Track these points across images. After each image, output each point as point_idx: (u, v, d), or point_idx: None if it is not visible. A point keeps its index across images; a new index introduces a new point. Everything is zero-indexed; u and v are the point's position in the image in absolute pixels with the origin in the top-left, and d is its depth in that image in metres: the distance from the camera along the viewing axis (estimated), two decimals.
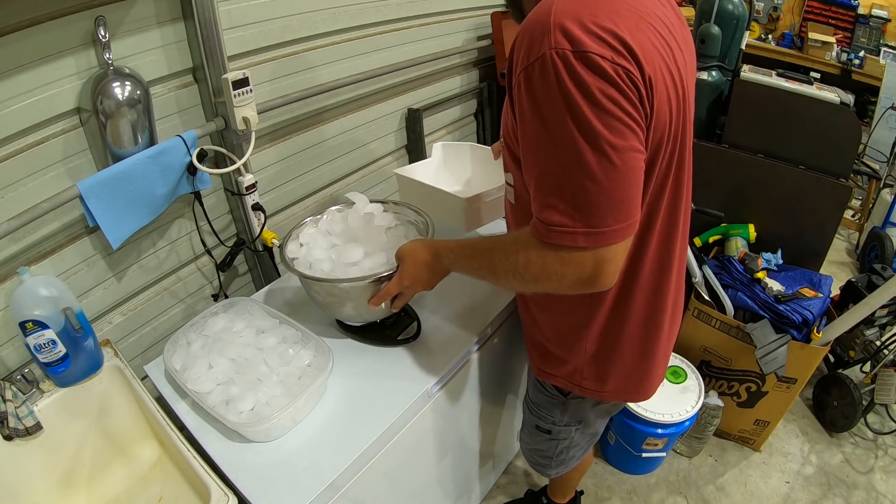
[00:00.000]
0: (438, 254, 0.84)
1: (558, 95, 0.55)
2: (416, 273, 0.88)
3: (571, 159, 0.58)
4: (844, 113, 1.63)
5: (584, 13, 0.56)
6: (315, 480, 0.78)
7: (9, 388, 0.85)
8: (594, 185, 0.58)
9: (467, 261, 0.80)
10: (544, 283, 0.68)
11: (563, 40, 0.54)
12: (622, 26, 0.56)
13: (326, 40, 1.33)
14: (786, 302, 1.49)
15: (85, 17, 0.87)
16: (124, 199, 0.96)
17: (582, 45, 0.54)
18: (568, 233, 0.61)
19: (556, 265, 0.64)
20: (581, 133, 0.56)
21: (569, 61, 0.54)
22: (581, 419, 1.04)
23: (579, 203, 0.59)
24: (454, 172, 1.44)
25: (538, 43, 0.56)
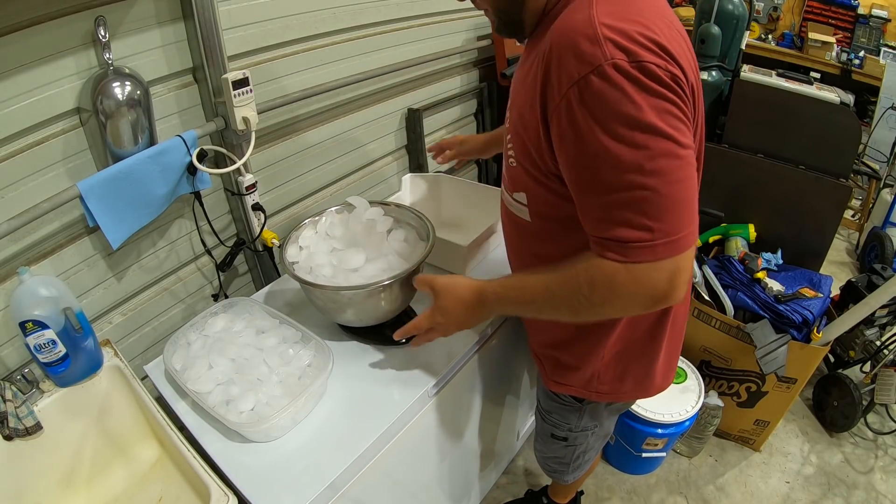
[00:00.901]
0: (483, 295, 0.78)
1: (623, 106, 0.55)
2: (453, 311, 0.81)
3: (644, 168, 0.56)
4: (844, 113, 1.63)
5: (627, 22, 0.56)
6: (315, 480, 0.78)
7: (9, 388, 0.85)
8: (668, 191, 0.58)
9: (518, 298, 0.74)
10: (612, 307, 0.65)
11: (617, 51, 0.54)
12: (659, 33, 0.57)
13: (326, 40, 1.33)
14: (786, 302, 1.49)
15: (85, 17, 0.87)
16: (124, 199, 0.96)
17: (637, 56, 0.54)
18: (648, 247, 0.59)
19: (630, 284, 0.61)
20: (652, 141, 0.56)
21: (629, 72, 0.54)
22: (597, 423, 1.04)
23: (656, 213, 0.58)
24: (425, 206, 1.40)
25: (589, 55, 0.55)
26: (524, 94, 0.68)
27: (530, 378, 1.46)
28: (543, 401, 1.07)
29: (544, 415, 1.08)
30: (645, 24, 0.56)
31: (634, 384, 0.91)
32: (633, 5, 0.59)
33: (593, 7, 0.57)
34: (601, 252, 0.62)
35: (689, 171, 0.59)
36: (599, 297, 0.64)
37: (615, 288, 0.62)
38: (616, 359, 0.87)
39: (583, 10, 0.58)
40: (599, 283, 0.63)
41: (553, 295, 0.69)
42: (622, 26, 0.55)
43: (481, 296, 0.78)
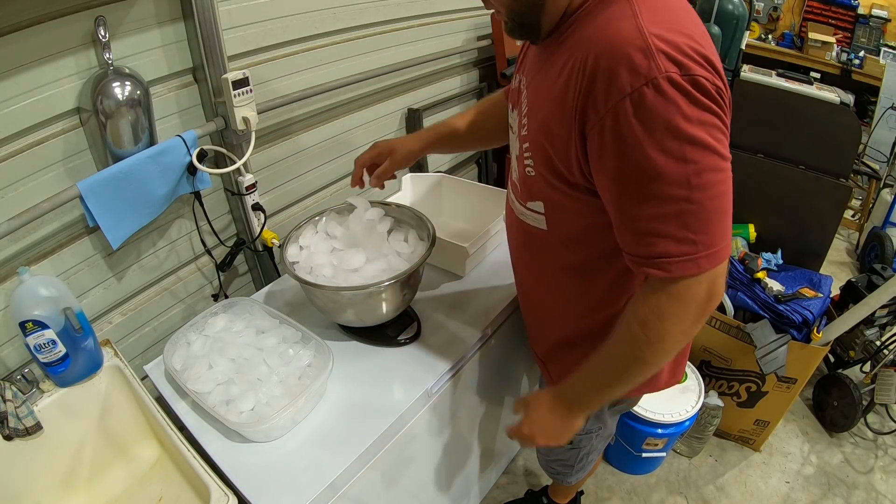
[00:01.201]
0: (571, 404, 0.78)
1: (675, 120, 0.54)
2: (543, 424, 0.80)
3: (691, 183, 0.56)
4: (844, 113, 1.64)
5: (675, 33, 0.55)
6: (315, 480, 0.78)
7: (9, 388, 0.85)
8: (712, 205, 0.58)
9: (591, 382, 0.74)
10: (670, 337, 0.64)
11: (670, 64, 0.54)
12: (703, 44, 0.57)
13: (326, 40, 1.33)
14: (786, 302, 1.49)
15: (85, 17, 0.87)
16: (124, 199, 0.96)
17: (689, 69, 0.54)
18: (691, 260, 0.59)
19: (674, 305, 0.62)
20: (699, 154, 0.56)
21: (682, 85, 0.54)
22: (601, 424, 1.04)
23: (699, 226, 0.58)
24: (425, 206, 1.37)
25: (643, 68, 0.54)
26: (551, 104, 0.66)
27: (530, 378, 1.46)
28: None
29: None
30: (690, 34, 0.56)
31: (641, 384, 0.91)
32: (673, 13, 0.58)
33: (639, 17, 0.56)
34: (641, 269, 0.62)
35: (730, 183, 0.60)
36: (655, 333, 0.64)
37: (663, 315, 0.63)
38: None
39: (627, 20, 0.56)
40: (648, 318, 0.63)
41: (617, 359, 0.69)
42: (673, 38, 0.55)
43: (569, 403, 0.78)
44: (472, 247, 1.15)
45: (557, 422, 0.79)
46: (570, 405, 0.78)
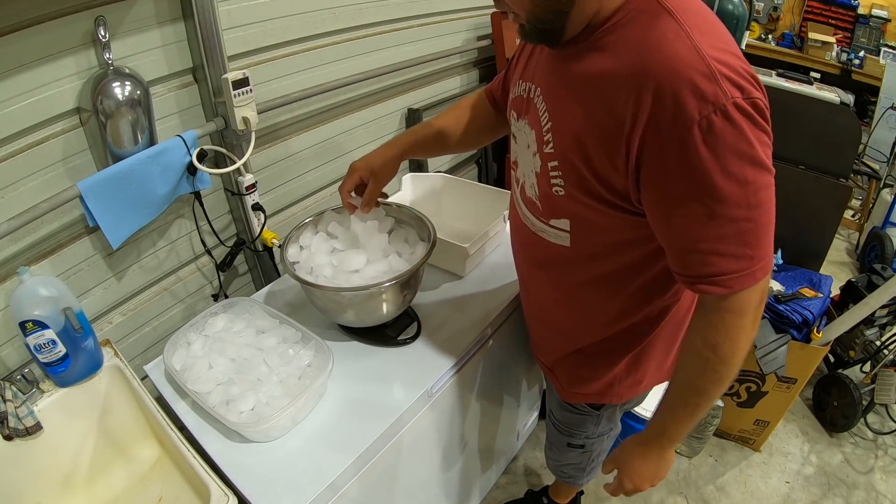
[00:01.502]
0: (662, 443, 0.80)
1: (741, 144, 0.55)
2: (642, 473, 0.84)
3: (750, 202, 0.58)
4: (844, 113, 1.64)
5: (727, 54, 0.56)
6: (315, 480, 0.78)
7: (9, 388, 0.85)
8: (765, 220, 0.60)
9: (674, 416, 0.76)
10: (739, 350, 0.67)
11: (734, 89, 0.54)
12: (746, 62, 0.58)
13: (326, 40, 1.33)
14: (786, 302, 1.49)
15: (85, 17, 0.87)
16: (124, 199, 0.96)
17: (749, 93, 0.55)
18: (748, 274, 0.61)
19: (736, 318, 0.64)
20: (758, 175, 0.57)
21: (746, 110, 0.55)
22: (612, 425, 1.04)
23: (755, 241, 0.60)
24: (425, 206, 1.36)
25: (710, 95, 0.53)
26: (587, 121, 0.63)
27: (529, 378, 1.46)
28: (557, 412, 1.06)
29: (559, 426, 1.07)
30: (737, 52, 0.57)
31: (651, 379, 0.92)
32: (715, 28, 0.59)
33: (692, 37, 0.55)
34: (698, 287, 0.64)
35: (774, 197, 0.61)
36: (727, 350, 0.66)
37: (729, 332, 0.65)
38: (634, 361, 0.87)
39: (682, 41, 0.55)
40: (717, 340, 0.65)
41: (696, 387, 0.70)
42: (728, 60, 0.55)
43: (660, 445, 0.80)
44: (472, 247, 1.15)
45: (653, 465, 0.82)
46: (661, 444, 0.80)
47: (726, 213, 0.58)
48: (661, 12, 0.57)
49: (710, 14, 0.60)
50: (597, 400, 0.93)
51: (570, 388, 0.93)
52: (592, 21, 0.61)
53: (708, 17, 0.59)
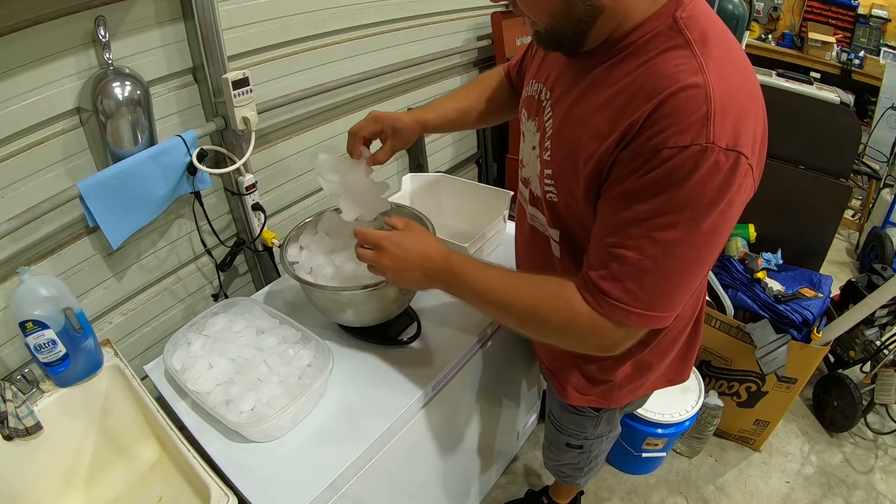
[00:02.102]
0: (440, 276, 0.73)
1: (695, 191, 0.53)
2: (404, 271, 0.74)
3: (678, 253, 0.56)
4: (844, 113, 1.63)
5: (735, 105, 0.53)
6: (315, 480, 0.78)
7: (9, 388, 0.85)
8: (677, 278, 0.58)
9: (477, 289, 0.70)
10: (559, 337, 0.67)
11: (722, 136, 0.52)
12: (757, 117, 0.56)
13: (326, 40, 1.33)
14: (786, 302, 1.49)
15: (85, 17, 0.87)
16: (124, 199, 0.96)
17: (738, 147, 0.52)
18: (624, 310, 0.60)
19: (587, 329, 0.63)
20: (692, 232, 0.55)
21: (723, 162, 0.52)
22: (611, 427, 1.04)
23: (653, 290, 0.58)
24: (425, 206, 1.35)
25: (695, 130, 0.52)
26: (587, 139, 0.62)
27: (529, 379, 1.46)
28: (557, 412, 1.06)
29: (558, 425, 1.07)
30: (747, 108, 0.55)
31: (652, 381, 0.92)
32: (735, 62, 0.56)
33: (706, 72, 0.53)
34: (581, 286, 0.63)
35: (710, 264, 0.60)
36: (554, 325, 0.65)
37: (573, 326, 0.63)
38: (636, 366, 0.87)
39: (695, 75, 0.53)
40: (562, 314, 0.64)
41: (511, 304, 0.68)
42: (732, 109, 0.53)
43: (447, 268, 0.72)
44: (472, 247, 1.15)
45: (416, 276, 0.74)
46: (439, 277, 0.73)
47: (645, 248, 0.56)
48: (680, 41, 0.55)
49: (733, 48, 0.57)
50: (597, 403, 0.93)
51: (571, 389, 0.93)
52: (611, 36, 0.60)
53: (731, 52, 0.56)
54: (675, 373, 0.95)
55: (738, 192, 0.55)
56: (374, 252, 0.76)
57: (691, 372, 0.99)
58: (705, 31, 0.56)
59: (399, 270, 0.74)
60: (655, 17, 0.57)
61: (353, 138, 0.90)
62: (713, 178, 0.52)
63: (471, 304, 0.72)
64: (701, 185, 0.53)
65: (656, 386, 0.95)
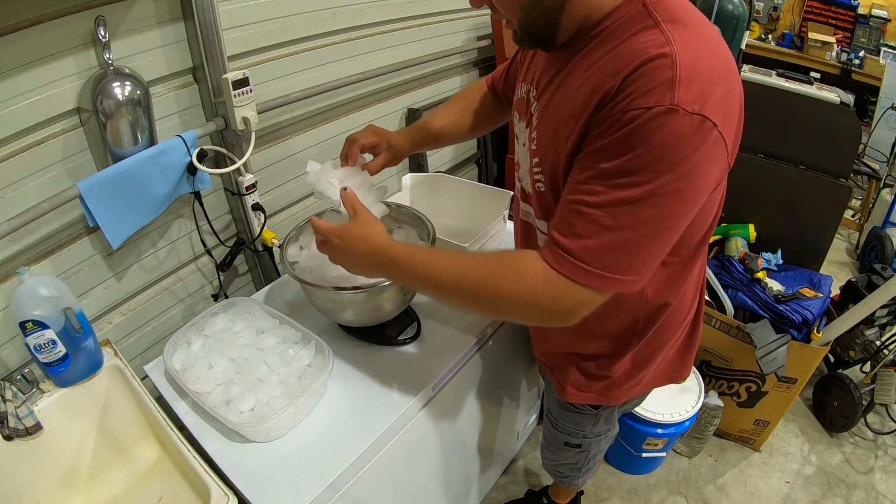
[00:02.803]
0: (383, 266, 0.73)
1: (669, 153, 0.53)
2: (347, 258, 0.76)
3: (639, 212, 0.56)
4: (844, 113, 1.63)
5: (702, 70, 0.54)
6: (315, 480, 0.78)
7: (9, 388, 0.85)
8: (639, 242, 0.58)
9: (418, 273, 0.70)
10: (512, 304, 0.64)
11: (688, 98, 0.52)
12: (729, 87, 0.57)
13: (326, 40, 1.33)
14: (786, 302, 1.49)
15: (85, 17, 0.87)
16: (124, 199, 0.96)
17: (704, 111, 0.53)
18: (581, 269, 0.59)
19: (540, 287, 0.61)
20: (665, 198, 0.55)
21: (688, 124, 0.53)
22: (610, 426, 1.04)
23: (612, 249, 0.58)
24: (425, 206, 1.34)
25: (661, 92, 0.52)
26: (565, 122, 0.63)
27: (529, 379, 1.46)
28: (555, 410, 1.06)
29: (556, 424, 1.07)
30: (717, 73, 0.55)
31: (651, 378, 0.92)
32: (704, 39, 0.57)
33: (672, 43, 0.54)
34: (544, 248, 0.62)
35: (673, 233, 0.59)
36: (510, 293, 0.63)
37: (529, 290, 0.62)
38: (635, 362, 0.87)
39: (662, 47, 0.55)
40: (518, 280, 0.62)
41: (460, 281, 0.66)
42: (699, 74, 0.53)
43: (384, 252, 0.73)
44: (472, 247, 1.15)
45: (360, 269, 0.76)
46: (381, 267, 0.73)
47: (600, 198, 0.57)
48: (649, 23, 0.57)
49: (703, 26, 0.58)
50: (596, 400, 0.93)
51: (569, 387, 0.93)
52: (584, 25, 0.62)
53: (700, 30, 0.57)
54: (674, 370, 0.96)
55: (706, 159, 0.55)
56: (323, 244, 0.78)
57: (691, 371, 0.99)
58: (674, 13, 0.57)
59: (346, 263, 0.77)
60: (625, 5, 0.59)
61: (351, 145, 0.92)
62: (676, 139, 0.53)
63: (419, 290, 0.74)
64: (663, 146, 0.53)
65: (655, 383, 0.96)
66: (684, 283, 0.79)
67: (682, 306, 0.84)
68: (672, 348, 0.90)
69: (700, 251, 0.77)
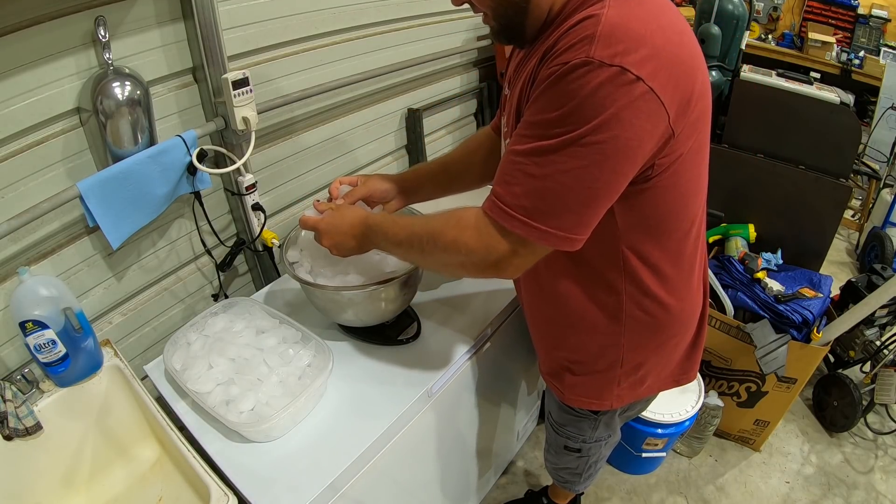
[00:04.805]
0: (370, 231, 0.82)
1: (587, 104, 0.56)
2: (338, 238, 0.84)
3: (561, 162, 0.58)
4: (844, 113, 1.63)
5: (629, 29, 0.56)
6: (315, 480, 0.78)
7: (9, 388, 0.85)
8: (562, 193, 0.60)
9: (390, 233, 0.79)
10: (448, 254, 0.69)
11: (606, 53, 0.54)
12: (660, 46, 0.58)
13: (326, 40, 1.33)
14: (786, 302, 1.49)
15: (85, 17, 0.87)
16: (124, 199, 0.96)
17: (623, 62, 0.54)
18: (508, 214, 0.62)
19: (472, 235, 0.66)
20: (586, 148, 0.57)
21: (605, 74, 0.54)
22: (610, 432, 1.03)
23: (536, 197, 0.61)
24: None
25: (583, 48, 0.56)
26: (521, 86, 0.68)
27: (528, 379, 1.46)
28: (556, 413, 1.06)
29: (557, 427, 1.07)
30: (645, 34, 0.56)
31: (653, 380, 0.91)
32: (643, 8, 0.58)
33: (605, 7, 0.58)
34: (485, 200, 0.66)
35: (600, 190, 0.60)
36: (449, 238, 0.68)
37: (464, 233, 0.66)
38: (632, 362, 0.86)
39: (594, 10, 0.59)
40: (456, 224, 0.68)
41: (415, 235, 0.73)
42: (627, 33, 0.56)
43: (369, 230, 0.81)
44: None
45: (350, 244, 0.84)
46: (365, 237, 0.82)
47: (526, 147, 0.61)
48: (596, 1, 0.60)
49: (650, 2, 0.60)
50: (595, 405, 0.92)
51: (570, 390, 0.92)
52: (549, 16, 0.65)
53: (644, 2, 0.59)
54: (680, 373, 0.95)
55: (629, 112, 0.55)
56: (316, 235, 0.87)
57: (696, 374, 0.98)
58: None
59: (337, 245, 0.85)
60: None
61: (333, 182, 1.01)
62: (591, 90, 0.55)
63: (393, 253, 0.81)
64: (579, 97, 0.55)
65: (661, 386, 0.95)
66: (677, 283, 0.79)
67: (680, 309, 0.83)
68: (676, 351, 0.89)
69: (695, 249, 0.78)
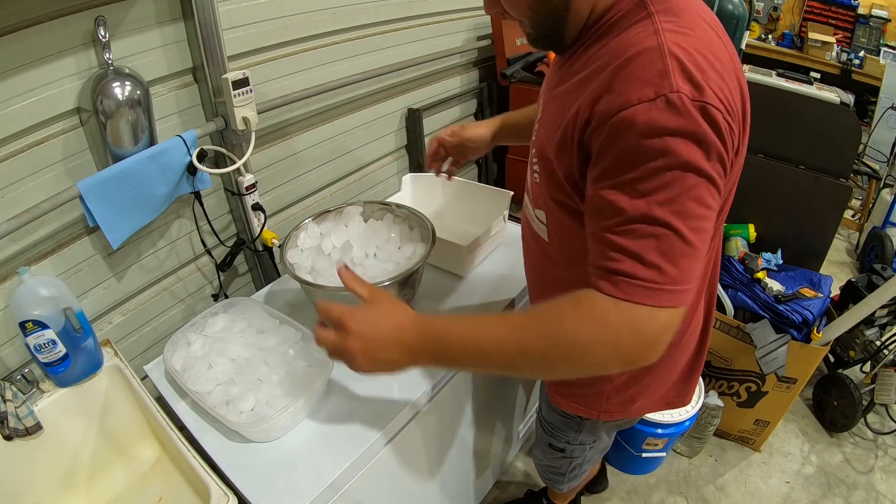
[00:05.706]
0: (423, 354, 0.62)
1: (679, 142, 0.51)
2: (377, 344, 0.61)
3: (678, 207, 0.52)
4: (844, 113, 1.63)
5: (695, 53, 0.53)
6: (315, 480, 0.78)
7: (9, 388, 0.85)
8: (687, 240, 0.53)
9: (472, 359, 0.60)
10: (594, 354, 0.55)
11: (685, 86, 0.51)
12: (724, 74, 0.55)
13: (326, 40, 1.33)
14: (786, 302, 1.49)
15: (85, 17, 0.87)
16: (124, 199, 0.96)
17: (704, 97, 0.51)
18: (651, 289, 0.52)
19: (622, 326, 0.54)
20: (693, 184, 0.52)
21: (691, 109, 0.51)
22: (595, 438, 1.03)
23: (670, 256, 0.53)
24: (424, 206, 1.34)
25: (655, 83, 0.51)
26: (560, 112, 0.63)
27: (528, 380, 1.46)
28: (545, 410, 1.05)
29: (544, 424, 1.07)
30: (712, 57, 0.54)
31: (645, 401, 0.89)
32: (695, 31, 0.55)
33: (661, 34, 0.54)
34: (597, 281, 0.55)
35: (707, 227, 0.55)
36: (585, 337, 0.54)
37: (605, 327, 0.54)
38: (625, 379, 0.85)
39: (650, 37, 0.54)
40: (589, 318, 0.54)
41: (525, 342, 0.57)
42: (693, 60, 0.52)
43: (424, 327, 0.61)
44: (472, 246, 1.15)
45: (393, 357, 0.62)
46: (425, 348, 0.61)
47: (635, 204, 0.52)
48: (643, 14, 0.57)
49: (695, 17, 0.57)
50: (583, 412, 0.91)
51: (559, 391, 0.92)
52: (588, 22, 0.63)
53: (692, 20, 0.57)
54: (675, 395, 0.92)
55: (718, 137, 0.52)
56: (337, 335, 0.62)
57: (693, 397, 0.95)
58: (670, 5, 0.57)
59: (371, 352, 0.61)
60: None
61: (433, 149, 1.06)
62: (682, 125, 0.51)
63: (472, 369, 0.65)
64: (671, 134, 0.51)
65: (654, 408, 0.92)
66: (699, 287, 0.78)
67: (685, 327, 0.81)
68: (671, 372, 0.87)
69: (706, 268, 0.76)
